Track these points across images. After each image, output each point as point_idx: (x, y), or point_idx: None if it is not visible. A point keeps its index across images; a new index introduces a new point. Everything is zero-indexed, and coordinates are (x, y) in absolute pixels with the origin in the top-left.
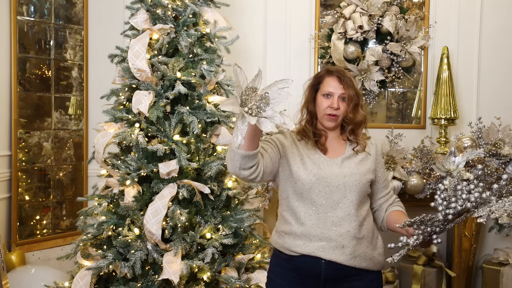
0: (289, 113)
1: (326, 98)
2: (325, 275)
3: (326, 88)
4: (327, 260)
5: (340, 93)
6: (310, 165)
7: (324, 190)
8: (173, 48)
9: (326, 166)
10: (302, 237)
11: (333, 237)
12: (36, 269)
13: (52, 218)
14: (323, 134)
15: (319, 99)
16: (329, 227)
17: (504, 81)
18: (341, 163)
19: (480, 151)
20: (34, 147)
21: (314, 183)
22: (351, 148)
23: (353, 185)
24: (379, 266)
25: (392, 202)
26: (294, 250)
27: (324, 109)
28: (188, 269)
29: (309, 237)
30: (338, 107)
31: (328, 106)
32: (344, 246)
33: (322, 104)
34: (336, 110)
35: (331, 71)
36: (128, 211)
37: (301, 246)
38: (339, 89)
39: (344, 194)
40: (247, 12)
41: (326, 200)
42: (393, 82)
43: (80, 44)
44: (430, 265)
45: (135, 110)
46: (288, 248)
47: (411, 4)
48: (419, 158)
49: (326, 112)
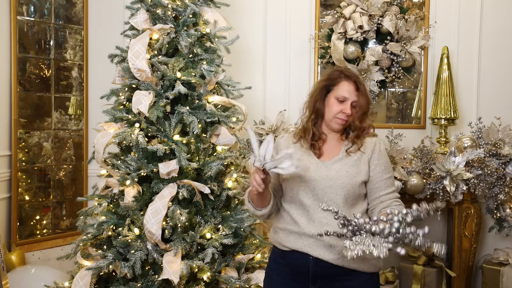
0: (289, 113)
1: (339, 102)
2: (313, 272)
3: (341, 93)
4: (315, 257)
5: (354, 99)
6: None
7: (311, 192)
8: (173, 48)
9: (314, 169)
10: (294, 234)
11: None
12: (36, 269)
13: (52, 218)
14: (322, 138)
15: (331, 101)
16: (318, 227)
17: (504, 81)
18: (330, 166)
19: (480, 151)
20: (34, 147)
21: (301, 186)
22: (345, 149)
23: (339, 188)
24: (372, 268)
25: (389, 204)
26: (286, 245)
27: (335, 113)
28: (188, 269)
29: (300, 234)
30: (351, 114)
31: (340, 110)
32: (332, 246)
33: (334, 107)
34: (348, 116)
35: (348, 75)
36: (128, 211)
37: (292, 241)
38: (354, 95)
39: (330, 196)
40: (247, 12)
41: (314, 202)
42: (393, 82)
43: (80, 44)
44: (430, 265)
45: (135, 110)
46: (281, 243)
47: (411, 4)
48: (419, 158)
49: (338, 116)
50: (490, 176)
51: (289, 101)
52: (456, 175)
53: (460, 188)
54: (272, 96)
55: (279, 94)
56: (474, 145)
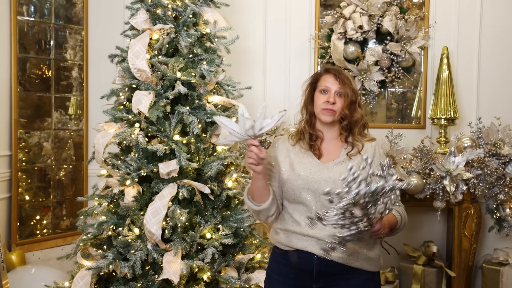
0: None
1: (322, 94)
2: (317, 270)
3: (322, 84)
4: (319, 256)
5: (336, 88)
6: (299, 170)
7: (314, 194)
8: (173, 48)
9: (317, 171)
10: (296, 234)
11: (324, 238)
12: (36, 269)
13: (52, 218)
14: (319, 137)
15: (316, 95)
16: (320, 228)
17: (504, 81)
18: (332, 168)
19: (480, 151)
20: (34, 147)
21: (303, 188)
22: (346, 153)
23: None
24: (375, 266)
25: None
26: (289, 245)
27: (321, 104)
28: (188, 269)
29: (303, 235)
30: (335, 102)
31: (324, 101)
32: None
33: (319, 99)
34: (333, 104)
35: (327, 69)
36: (128, 211)
37: (294, 241)
38: (335, 85)
39: None
40: (247, 12)
41: (316, 204)
42: (393, 82)
43: (80, 44)
44: (430, 265)
45: (135, 110)
46: (283, 243)
47: (411, 4)
48: (419, 158)
49: (323, 107)
50: (490, 176)
51: (289, 101)
52: (456, 175)
53: (460, 188)
54: (272, 96)
55: (279, 94)
56: (474, 145)
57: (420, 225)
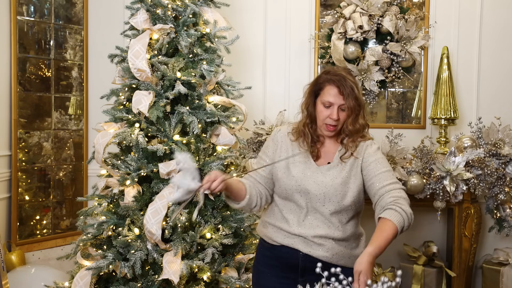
0: (289, 114)
1: (325, 108)
2: (302, 266)
3: (326, 98)
4: (304, 253)
5: (340, 103)
6: (295, 171)
7: (305, 196)
8: (173, 48)
9: (311, 173)
10: (283, 231)
11: (311, 238)
12: (36, 269)
13: (52, 218)
14: (320, 140)
15: (319, 107)
16: (308, 228)
17: (504, 81)
18: (326, 172)
19: (480, 151)
20: (34, 147)
21: (296, 189)
22: (339, 156)
23: (333, 196)
24: None
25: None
26: (276, 240)
27: (323, 118)
28: (188, 269)
29: (290, 232)
30: (338, 118)
31: (327, 116)
32: (321, 245)
33: (322, 113)
34: (336, 121)
35: (332, 79)
36: (128, 211)
37: (281, 237)
38: (339, 99)
39: (323, 202)
40: (247, 12)
41: (307, 205)
42: (393, 82)
43: (80, 44)
44: (430, 265)
45: (135, 110)
46: (271, 237)
47: (411, 4)
48: (419, 158)
49: (326, 122)
50: (490, 176)
51: (289, 101)
52: (456, 175)
53: (460, 188)
54: (272, 96)
55: (279, 94)
56: (474, 145)
57: (420, 225)
